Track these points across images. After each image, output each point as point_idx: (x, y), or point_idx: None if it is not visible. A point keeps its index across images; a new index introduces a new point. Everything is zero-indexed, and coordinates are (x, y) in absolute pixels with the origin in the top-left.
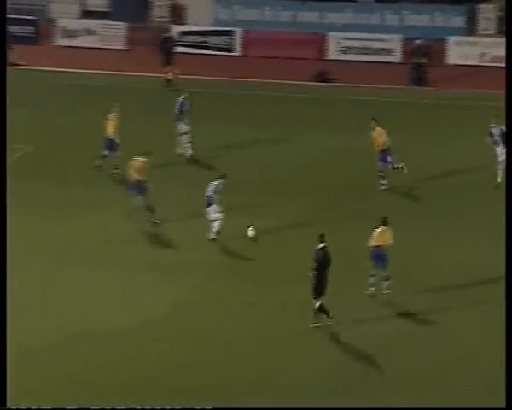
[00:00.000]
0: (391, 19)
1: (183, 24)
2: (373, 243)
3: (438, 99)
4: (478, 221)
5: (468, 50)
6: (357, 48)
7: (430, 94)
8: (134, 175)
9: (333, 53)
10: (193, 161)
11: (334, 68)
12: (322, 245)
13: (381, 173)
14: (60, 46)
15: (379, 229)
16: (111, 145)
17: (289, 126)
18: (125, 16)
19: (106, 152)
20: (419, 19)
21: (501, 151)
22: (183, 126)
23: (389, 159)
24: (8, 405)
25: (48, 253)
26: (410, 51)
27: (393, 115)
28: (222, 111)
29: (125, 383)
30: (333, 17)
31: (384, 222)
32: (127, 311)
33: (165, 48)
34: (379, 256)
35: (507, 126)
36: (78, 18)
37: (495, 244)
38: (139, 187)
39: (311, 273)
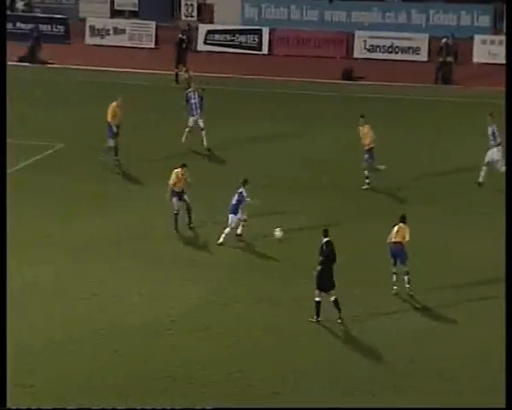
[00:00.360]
0: (417, 18)
1: (211, 23)
2: (392, 239)
3: (464, 97)
4: (487, 218)
5: (494, 49)
6: (383, 46)
7: (456, 92)
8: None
9: (359, 52)
10: (217, 157)
11: (360, 67)
12: (326, 239)
13: (366, 172)
14: (89, 45)
15: (397, 226)
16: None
17: (316, 124)
18: (154, 15)
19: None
20: (445, 17)
21: (491, 152)
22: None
23: (370, 159)
24: (8, 405)
25: (63, 248)
26: (436, 50)
27: (419, 113)
28: (248, 109)
29: (145, 379)
30: (359, 16)
31: (402, 220)
32: (148, 308)
33: (180, 48)
34: (397, 252)
35: (507, 126)
36: (108, 17)
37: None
38: (179, 195)
39: (316, 270)
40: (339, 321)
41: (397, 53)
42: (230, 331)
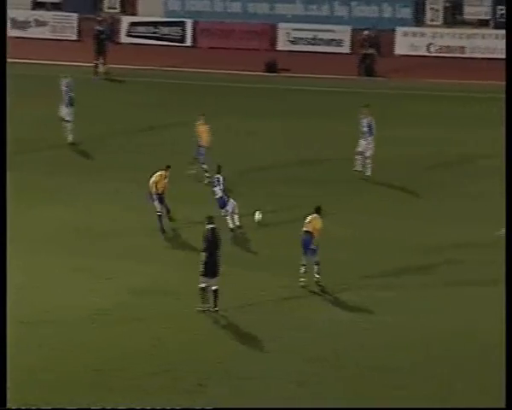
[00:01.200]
0: (340, 10)
1: (134, 15)
2: (303, 228)
3: (387, 89)
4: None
5: (416, 41)
6: (306, 39)
7: (379, 84)
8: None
9: (283, 44)
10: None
11: (284, 59)
12: (211, 226)
13: (204, 167)
14: (10, 37)
15: (310, 216)
16: None
17: (239, 116)
18: (77, 7)
19: None
20: (368, 9)
21: (365, 144)
22: (65, 111)
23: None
24: (8, 405)
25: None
26: (358, 42)
27: (343, 105)
28: (173, 101)
29: (72, 373)
30: (283, 8)
31: (317, 210)
32: (77, 300)
33: (98, 39)
34: (307, 242)
35: (507, 126)
36: (29, 8)
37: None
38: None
39: (202, 255)
40: (211, 309)
41: (320, 45)
42: (159, 324)
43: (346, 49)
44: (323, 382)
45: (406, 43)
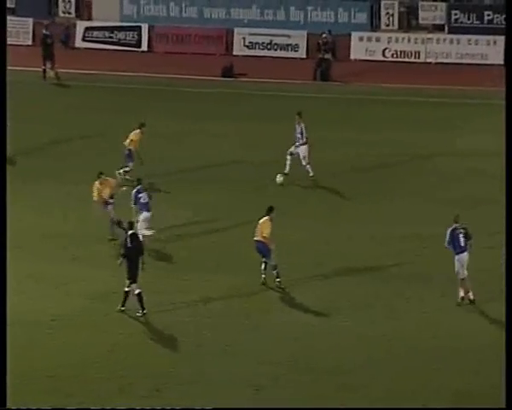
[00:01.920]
0: (296, 14)
1: (89, 19)
2: (254, 237)
3: (342, 94)
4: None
5: (371, 46)
6: (262, 43)
7: (334, 89)
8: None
9: (239, 48)
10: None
11: (240, 64)
12: (131, 232)
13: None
14: None
15: (261, 220)
16: None
17: (196, 121)
18: (31, 12)
19: None
20: (323, 14)
21: (299, 149)
22: None
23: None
24: (8, 405)
25: None
26: (314, 47)
27: (297, 109)
28: (129, 106)
29: (27, 379)
30: (239, 13)
31: (268, 212)
32: (30, 307)
33: (45, 44)
34: (259, 250)
35: (507, 126)
36: None
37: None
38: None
39: (119, 260)
40: (138, 314)
41: (276, 50)
42: (114, 330)
43: (302, 53)
44: (280, 385)
45: (362, 47)
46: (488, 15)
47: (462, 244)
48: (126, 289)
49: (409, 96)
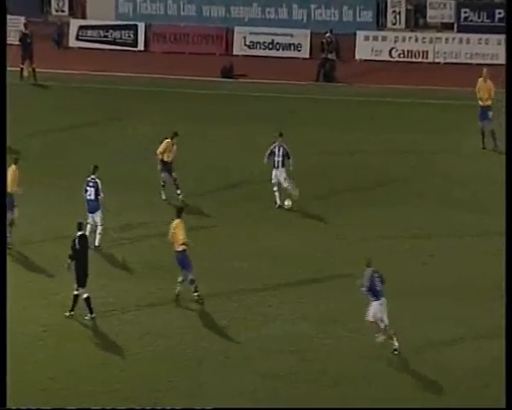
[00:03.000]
0: (298, 13)
1: (83, 18)
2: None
3: (346, 95)
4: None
5: (377, 45)
6: (264, 43)
7: (339, 90)
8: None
9: (239, 48)
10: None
11: (240, 64)
12: (79, 233)
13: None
14: None
15: (172, 226)
16: None
17: (194, 123)
18: (23, 10)
19: None
20: (327, 13)
21: (279, 172)
22: None
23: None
24: (8, 405)
25: None
26: (318, 46)
27: (302, 111)
28: (122, 107)
29: (16, 392)
30: (239, 11)
31: (178, 214)
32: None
33: (24, 43)
34: (178, 261)
35: (507, 126)
36: None
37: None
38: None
39: (67, 263)
40: (86, 318)
41: (278, 50)
42: (107, 340)
43: (305, 53)
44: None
45: (367, 47)
46: (499, 13)
47: (380, 289)
48: (75, 292)
49: (416, 98)
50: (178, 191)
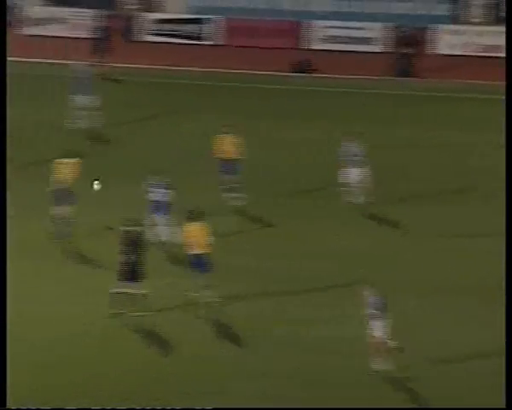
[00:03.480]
0: (373, 6)
1: (154, 11)
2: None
3: (424, 90)
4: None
5: (456, 39)
6: (339, 37)
7: (416, 85)
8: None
9: (312, 42)
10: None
11: (313, 58)
12: (128, 228)
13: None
14: (29, 35)
15: (190, 228)
16: None
17: (266, 119)
18: (94, 3)
19: None
20: (403, 6)
21: (354, 173)
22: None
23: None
24: (8, 405)
25: None
26: (395, 41)
27: (376, 107)
28: (197, 102)
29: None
30: (312, 5)
31: (190, 216)
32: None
33: (97, 37)
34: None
35: (507, 126)
36: (43, 5)
37: None
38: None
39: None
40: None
41: (351, 44)
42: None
43: (379, 47)
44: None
45: (446, 41)
46: None
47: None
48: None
49: (496, 95)
50: (237, 193)
